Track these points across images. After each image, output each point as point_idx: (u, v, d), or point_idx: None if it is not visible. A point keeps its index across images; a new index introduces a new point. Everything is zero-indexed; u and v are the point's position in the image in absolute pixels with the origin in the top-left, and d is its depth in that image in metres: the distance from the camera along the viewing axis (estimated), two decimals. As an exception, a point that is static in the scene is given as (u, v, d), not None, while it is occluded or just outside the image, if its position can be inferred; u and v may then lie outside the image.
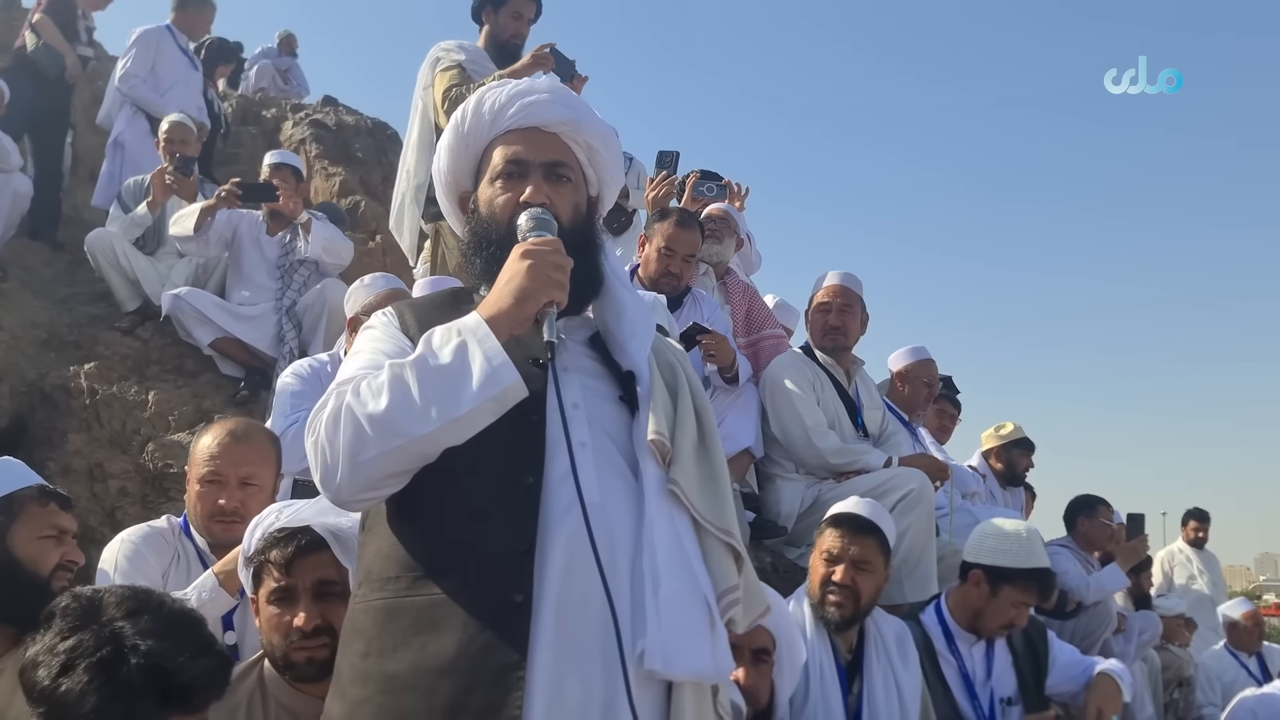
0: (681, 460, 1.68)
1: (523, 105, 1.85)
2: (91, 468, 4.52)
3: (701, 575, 1.64)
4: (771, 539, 4.38)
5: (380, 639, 1.57)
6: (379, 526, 1.67)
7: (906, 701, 3.12)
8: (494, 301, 1.64)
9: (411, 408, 1.54)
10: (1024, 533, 3.52)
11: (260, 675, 2.12)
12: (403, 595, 1.58)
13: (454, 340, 1.58)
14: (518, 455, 1.61)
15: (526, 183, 1.81)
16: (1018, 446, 6.12)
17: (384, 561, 1.62)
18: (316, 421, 1.61)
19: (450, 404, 1.54)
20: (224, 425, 2.81)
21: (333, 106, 9.72)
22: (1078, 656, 3.63)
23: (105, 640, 1.52)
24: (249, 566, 2.16)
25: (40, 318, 5.41)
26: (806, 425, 4.33)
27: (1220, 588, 8.68)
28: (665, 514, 1.63)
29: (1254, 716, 5.17)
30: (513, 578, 1.53)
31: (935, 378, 5.35)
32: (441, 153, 1.96)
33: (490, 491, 1.60)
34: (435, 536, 1.60)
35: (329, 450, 1.58)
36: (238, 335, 5.20)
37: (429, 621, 1.54)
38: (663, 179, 4.98)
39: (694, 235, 4.62)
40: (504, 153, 1.85)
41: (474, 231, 1.86)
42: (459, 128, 1.90)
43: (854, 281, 4.62)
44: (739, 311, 5.18)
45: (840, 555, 3.12)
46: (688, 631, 1.57)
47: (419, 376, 1.56)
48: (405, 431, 1.54)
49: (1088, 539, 5.68)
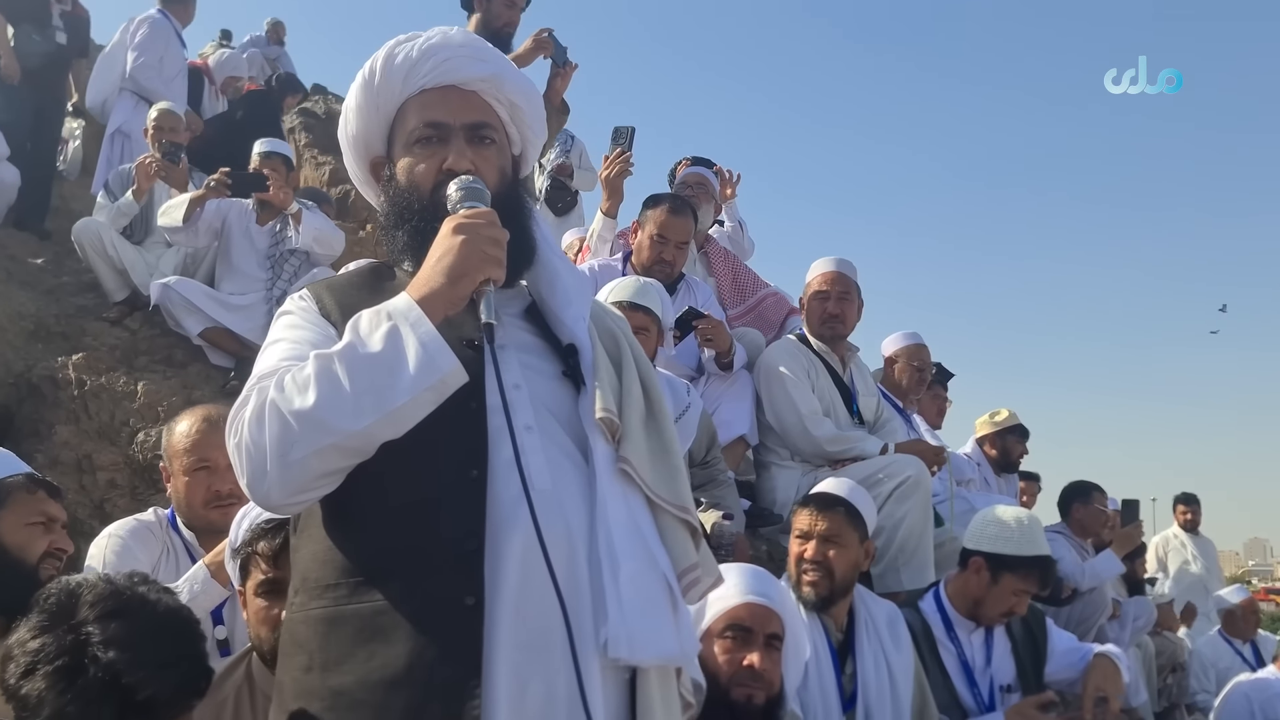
0: (631, 436, 1.60)
1: (438, 62, 1.71)
2: (80, 459, 4.47)
3: (660, 555, 1.57)
4: (767, 527, 4.37)
5: (323, 651, 1.47)
6: (312, 529, 1.56)
7: (898, 682, 3.11)
8: (425, 281, 1.50)
9: (342, 401, 1.41)
10: (1025, 520, 3.51)
11: (248, 668, 2.10)
12: (344, 603, 1.47)
13: (384, 325, 1.45)
14: (459, 446, 1.51)
15: (448, 148, 1.68)
16: (1012, 433, 6.12)
17: (320, 567, 1.51)
18: (238, 421, 1.47)
19: (385, 395, 1.41)
20: (197, 413, 2.82)
21: (322, 95, 9.66)
22: (1076, 644, 3.62)
23: (67, 648, 1.48)
24: (236, 558, 2.13)
25: (27, 308, 5.35)
26: (801, 413, 4.31)
27: (1215, 572, 8.73)
28: (618, 494, 1.55)
29: (1248, 701, 5.20)
30: (462, 579, 1.44)
31: (926, 362, 5.33)
32: (349, 115, 1.79)
33: (432, 487, 1.49)
34: (375, 538, 1.49)
35: (254, 451, 1.44)
36: (227, 325, 5.15)
37: (375, 630, 1.44)
38: (618, 156, 4.88)
39: (687, 222, 4.58)
40: (421, 115, 1.71)
41: (393, 202, 1.72)
42: (368, 85, 1.74)
43: (850, 268, 4.60)
44: (725, 280, 5.15)
45: (809, 532, 3.14)
46: (650, 614, 1.51)
47: (349, 366, 1.42)
48: (337, 427, 1.41)
49: (1082, 525, 5.68)
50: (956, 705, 3.36)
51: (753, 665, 2.46)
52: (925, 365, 5.32)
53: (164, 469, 2.81)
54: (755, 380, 4.54)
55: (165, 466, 2.80)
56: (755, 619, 2.51)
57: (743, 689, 2.45)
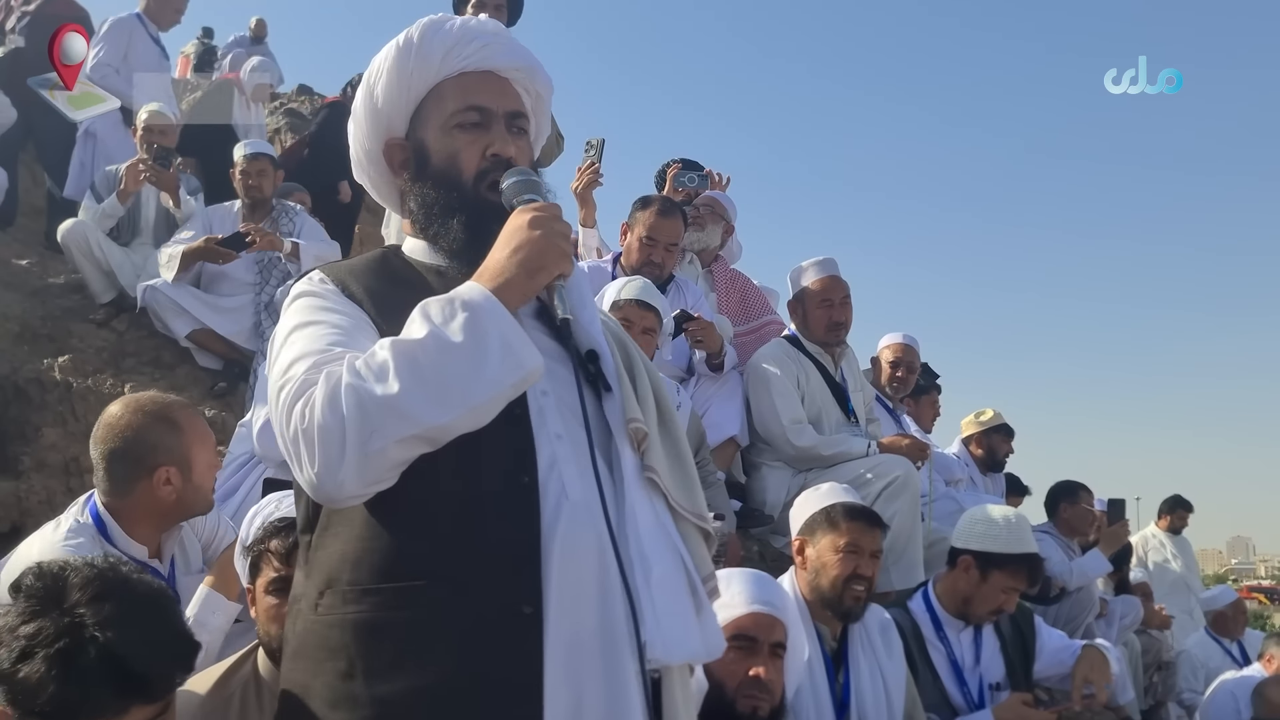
0: (652, 444, 1.59)
1: (480, 45, 1.67)
2: (67, 462, 4.45)
3: (686, 558, 1.58)
4: (758, 528, 4.39)
5: (366, 658, 1.41)
6: (340, 528, 1.48)
7: (891, 690, 3.11)
8: (498, 272, 1.46)
9: (427, 392, 1.36)
10: (1013, 518, 3.53)
11: (255, 665, 2.11)
12: (389, 608, 1.41)
13: (460, 315, 1.40)
14: (507, 450, 1.47)
15: (489, 133, 1.64)
16: (998, 432, 6.16)
17: (354, 568, 1.45)
18: (306, 406, 1.39)
19: (470, 389, 1.37)
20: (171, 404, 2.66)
21: (307, 95, 9.63)
22: (1065, 641, 3.64)
23: (64, 630, 1.48)
24: (247, 556, 2.14)
25: (13, 310, 5.31)
26: (784, 422, 4.33)
27: (1194, 571, 8.78)
28: (645, 502, 1.55)
29: (1233, 699, 5.26)
30: (519, 587, 1.41)
31: (914, 362, 5.36)
32: (377, 89, 1.70)
33: (485, 491, 1.45)
34: (424, 541, 1.44)
35: (329, 438, 1.36)
36: (214, 327, 5.12)
37: (425, 638, 1.40)
38: (588, 168, 4.91)
39: (676, 223, 4.59)
40: (464, 98, 1.65)
41: (430, 186, 1.66)
42: (403, 61, 1.67)
43: (838, 269, 4.62)
44: (732, 299, 5.16)
45: (864, 548, 3.07)
46: (679, 615, 1.52)
47: (432, 356, 1.37)
48: (421, 419, 1.36)
49: (1070, 525, 5.71)
50: (946, 704, 3.37)
51: (759, 676, 2.44)
52: (913, 365, 5.36)
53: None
54: (744, 385, 4.56)
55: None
56: (761, 628, 2.50)
57: (748, 699, 2.44)
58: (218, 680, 2.08)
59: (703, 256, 5.25)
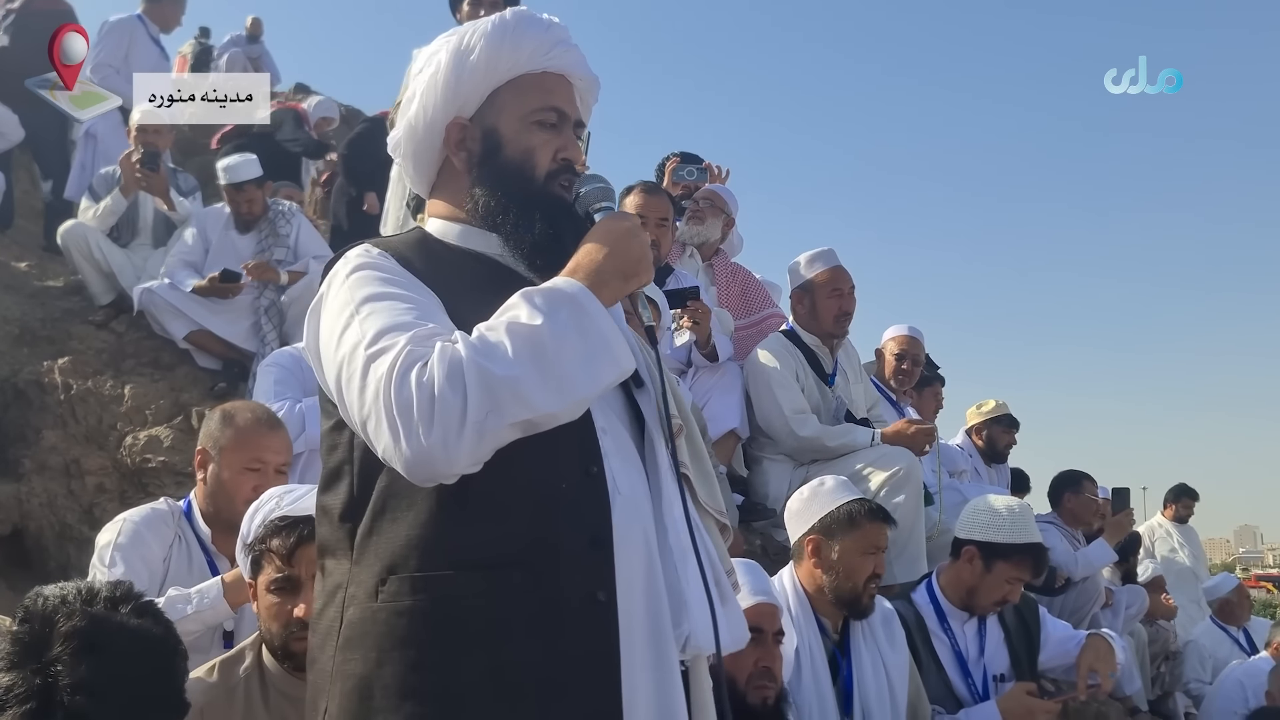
0: (680, 442, 1.65)
1: (565, 49, 1.68)
2: (68, 464, 4.44)
3: (713, 551, 1.65)
4: (760, 521, 4.37)
5: (441, 646, 1.40)
6: (400, 513, 1.46)
7: (894, 682, 3.11)
8: (595, 272, 1.48)
9: (546, 379, 1.36)
10: (1016, 508, 3.51)
11: (258, 660, 2.11)
12: (467, 595, 1.41)
13: (567, 308, 1.41)
14: (574, 440, 1.49)
15: (561, 137, 1.66)
16: (998, 423, 6.14)
17: (424, 554, 1.43)
18: (422, 377, 1.35)
19: (579, 381, 1.39)
20: (252, 411, 2.85)
21: (305, 94, 9.62)
22: (1070, 631, 3.63)
23: (34, 691, 1.43)
24: (249, 553, 2.14)
25: (12, 312, 5.31)
26: (786, 413, 4.32)
27: (1201, 560, 8.78)
28: (676, 496, 1.60)
29: (1241, 688, 5.25)
30: (594, 574, 1.45)
31: (918, 355, 5.33)
32: (463, 65, 1.66)
33: (560, 480, 1.47)
34: (501, 526, 1.44)
35: (446, 412, 1.33)
36: (212, 329, 5.09)
37: (505, 624, 1.40)
38: None
39: (662, 200, 4.60)
40: (547, 97, 1.66)
41: (502, 175, 1.64)
42: (495, 45, 1.64)
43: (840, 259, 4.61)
44: (733, 293, 5.16)
45: (882, 546, 3.10)
46: (709, 606, 1.57)
47: (551, 345, 1.37)
48: (538, 404, 1.36)
49: (1073, 515, 5.71)
50: (951, 696, 3.36)
51: (769, 667, 2.52)
52: (918, 358, 5.33)
53: (202, 454, 2.76)
54: (744, 377, 4.55)
55: (206, 452, 2.75)
56: (765, 618, 2.55)
57: (759, 690, 2.50)
58: (218, 673, 2.07)
59: (703, 250, 5.24)
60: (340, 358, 1.44)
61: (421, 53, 1.75)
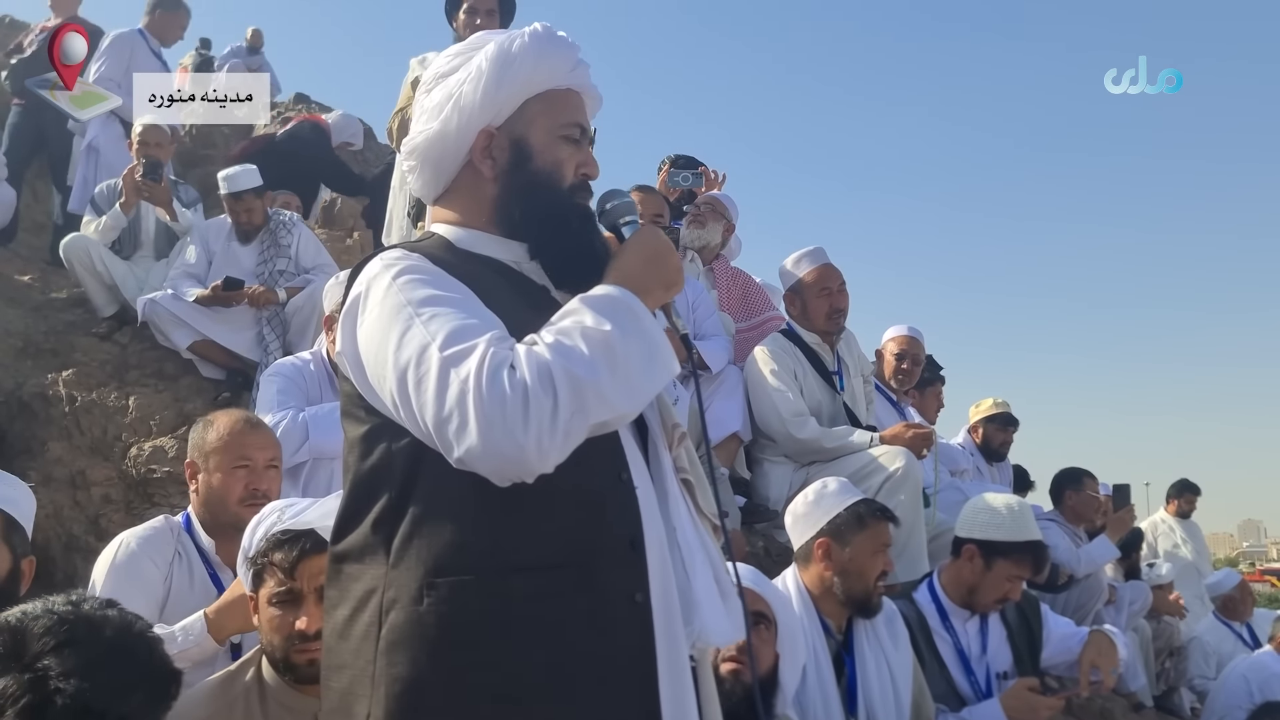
0: (679, 450, 1.71)
1: (585, 70, 1.74)
2: (73, 476, 4.46)
3: (713, 550, 1.70)
4: (762, 523, 4.39)
5: (494, 647, 1.42)
6: (441, 518, 1.47)
7: (898, 680, 3.12)
8: (637, 280, 1.53)
9: (618, 382, 1.41)
10: (1015, 506, 3.53)
11: (259, 671, 2.12)
12: (518, 597, 1.43)
13: (624, 314, 1.46)
14: (607, 446, 1.54)
15: (581, 152, 1.71)
16: (993, 422, 6.15)
17: (471, 557, 1.45)
18: (514, 377, 1.37)
19: (643, 385, 1.46)
20: (233, 414, 2.89)
21: (305, 104, 9.65)
22: (1072, 628, 3.64)
23: (28, 686, 1.44)
24: (250, 567, 2.15)
25: (15, 325, 5.33)
26: (784, 416, 4.34)
27: (1204, 555, 8.76)
28: (679, 498, 1.67)
29: (1246, 683, 5.25)
30: (632, 575, 1.52)
31: (918, 355, 5.35)
32: (504, 74, 1.66)
33: (598, 483, 1.53)
34: (549, 528, 1.47)
35: (540, 412, 1.36)
36: (215, 338, 5.11)
37: (557, 625, 1.44)
38: None
39: (655, 198, 4.63)
40: (573, 113, 1.71)
41: (531, 186, 1.66)
42: (536, 59, 1.67)
43: (829, 257, 4.63)
44: (733, 296, 5.19)
45: (888, 544, 3.14)
46: (714, 601, 1.64)
47: (622, 349, 1.42)
48: (616, 406, 1.42)
49: (1075, 512, 5.71)
50: (954, 694, 3.37)
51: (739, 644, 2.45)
52: (918, 358, 5.35)
53: (191, 466, 2.80)
54: (744, 379, 4.57)
55: (194, 463, 2.79)
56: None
57: (729, 663, 2.43)
58: (219, 686, 2.09)
59: (704, 255, 5.28)
60: (405, 360, 1.43)
61: (424, 61, 1.79)
